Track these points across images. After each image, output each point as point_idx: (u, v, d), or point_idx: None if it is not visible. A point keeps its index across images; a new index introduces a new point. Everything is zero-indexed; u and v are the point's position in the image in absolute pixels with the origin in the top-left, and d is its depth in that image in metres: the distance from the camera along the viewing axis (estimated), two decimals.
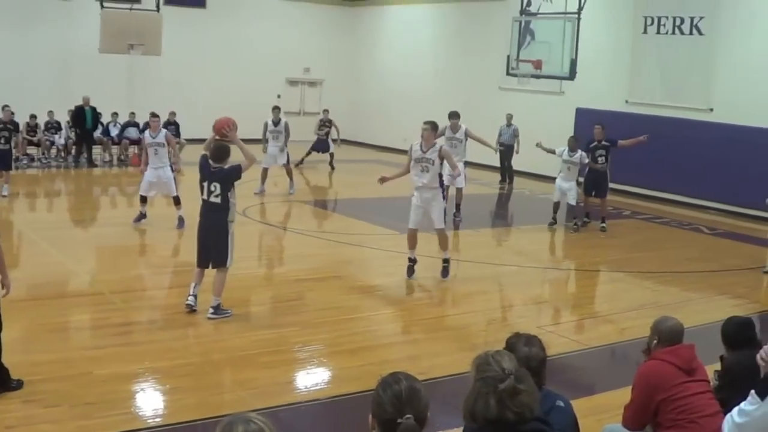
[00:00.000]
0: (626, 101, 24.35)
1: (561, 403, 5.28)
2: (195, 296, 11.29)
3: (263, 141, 21.91)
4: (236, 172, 11.06)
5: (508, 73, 23.52)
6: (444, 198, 14.22)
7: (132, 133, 27.49)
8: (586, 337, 11.40)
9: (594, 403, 8.76)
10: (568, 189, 18.80)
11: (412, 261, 13.88)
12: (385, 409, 3.80)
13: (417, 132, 13.47)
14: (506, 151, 25.59)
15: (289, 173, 22.32)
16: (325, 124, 28.23)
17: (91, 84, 27.85)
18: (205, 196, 11.20)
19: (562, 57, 21.16)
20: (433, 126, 13.47)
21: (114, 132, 27.46)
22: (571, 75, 21.02)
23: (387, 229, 17.96)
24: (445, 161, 13.47)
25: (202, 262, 11.35)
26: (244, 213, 18.87)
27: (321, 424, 8.46)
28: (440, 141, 18.08)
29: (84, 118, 26.18)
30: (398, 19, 33.78)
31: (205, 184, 11.18)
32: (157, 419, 8.13)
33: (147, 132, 17.90)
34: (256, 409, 7.74)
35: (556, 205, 18.97)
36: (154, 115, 18.45)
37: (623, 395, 6.91)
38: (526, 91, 25.87)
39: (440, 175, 13.77)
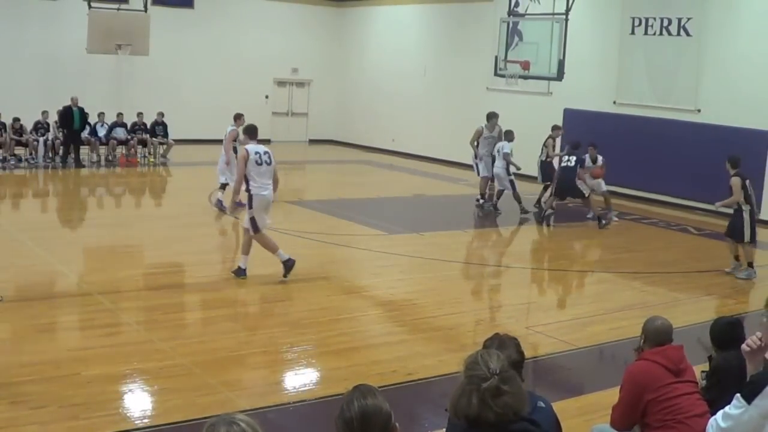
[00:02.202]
0: (614, 102, 24.38)
1: (542, 404, 5.29)
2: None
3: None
4: None
5: (496, 74, 23.50)
6: None
7: (119, 133, 27.43)
8: (574, 337, 11.40)
9: (582, 403, 8.78)
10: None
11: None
12: None
13: (405, 132, 13.52)
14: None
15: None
16: None
17: (78, 84, 27.77)
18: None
19: (550, 58, 21.16)
20: None
21: (102, 132, 27.36)
22: (559, 76, 21.02)
23: (375, 230, 17.95)
24: None
25: None
26: (232, 213, 18.87)
27: (308, 425, 8.44)
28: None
29: (72, 119, 26.10)
30: (386, 19, 33.76)
31: None
32: (145, 420, 8.11)
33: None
34: (243, 410, 7.73)
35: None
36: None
37: (612, 395, 6.92)
38: (514, 92, 25.89)
39: None
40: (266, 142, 32.74)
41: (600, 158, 20.23)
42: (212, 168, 22.45)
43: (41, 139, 26.34)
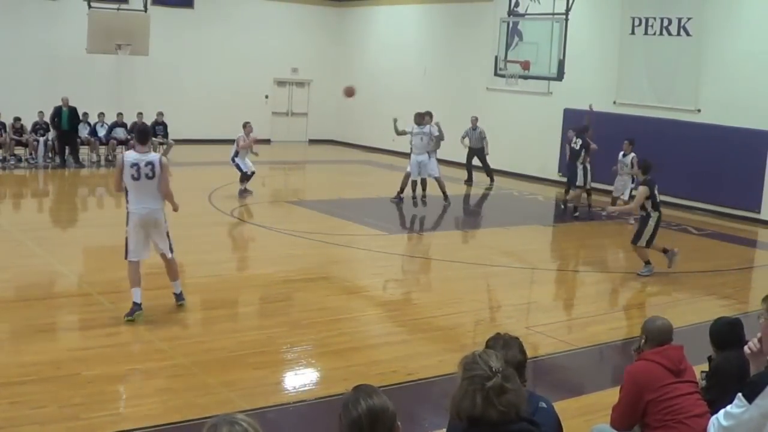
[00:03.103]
0: (614, 102, 24.36)
1: (544, 405, 5.30)
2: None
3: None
4: None
5: (496, 74, 23.50)
6: None
7: (119, 133, 27.44)
8: (574, 337, 11.40)
9: (582, 403, 8.77)
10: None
11: None
12: None
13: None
14: (475, 152, 25.63)
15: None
16: None
17: (78, 84, 27.80)
18: None
19: (550, 58, 21.17)
20: None
21: (101, 132, 27.37)
22: (559, 76, 21.02)
23: (375, 230, 17.95)
24: None
25: None
26: (232, 214, 18.89)
27: (309, 425, 8.43)
28: None
29: (61, 119, 26.11)
30: (386, 19, 33.74)
31: None
32: (144, 420, 8.09)
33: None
34: (243, 410, 7.73)
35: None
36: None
37: (612, 395, 6.92)
38: (514, 92, 25.91)
39: None
40: (266, 142, 32.91)
41: (632, 155, 20.26)
42: (212, 168, 22.49)
43: (41, 139, 26.35)
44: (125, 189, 10.96)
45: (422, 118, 20.71)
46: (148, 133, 11.66)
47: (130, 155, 11.01)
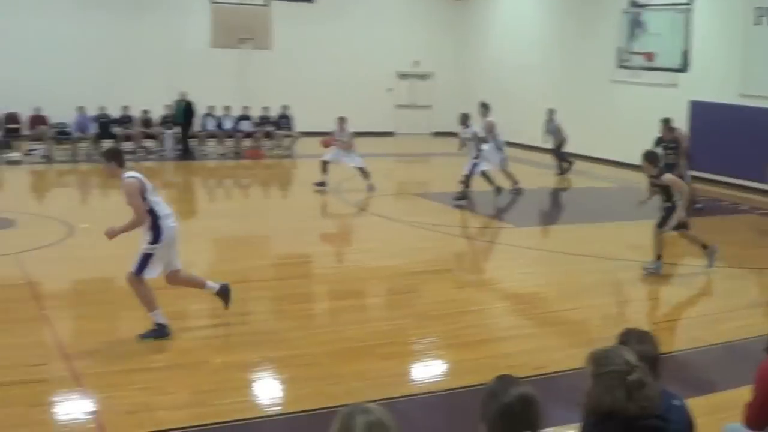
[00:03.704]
0: (741, 94, 23.65)
1: (678, 402, 5.13)
2: None
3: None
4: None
5: (619, 66, 23.08)
6: None
7: (245, 126, 27.83)
8: (703, 334, 11.05)
9: (713, 401, 8.49)
10: None
11: None
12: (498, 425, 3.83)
13: (526, 125, 13.32)
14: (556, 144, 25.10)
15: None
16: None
17: (203, 78, 28.34)
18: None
19: (674, 49, 20.72)
20: None
21: (228, 125, 27.80)
22: (684, 67, 20.51)
23: (502, 222, 17.82)
24: None
25: None
26: (358, 205, 18.95)
27: (436, 417, 8.35)
28: None
29: (180, 112, 26.56)
30: (507, 11, 33.43)
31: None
32: (273, 408, 8.14)
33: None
34: (371, 400, 7.69)
35: None
36: (341, 119, 21.17)
37: (744, 394, 6.67)
38: (638, 84, 25.39)
39: None
40: (389, 135, 33.01)
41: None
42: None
43: (169, 132, 26.88)
44: (150, 209, 9.90)
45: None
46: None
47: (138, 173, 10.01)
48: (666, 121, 19.30)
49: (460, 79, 35.01)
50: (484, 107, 20.98)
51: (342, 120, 21.14)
